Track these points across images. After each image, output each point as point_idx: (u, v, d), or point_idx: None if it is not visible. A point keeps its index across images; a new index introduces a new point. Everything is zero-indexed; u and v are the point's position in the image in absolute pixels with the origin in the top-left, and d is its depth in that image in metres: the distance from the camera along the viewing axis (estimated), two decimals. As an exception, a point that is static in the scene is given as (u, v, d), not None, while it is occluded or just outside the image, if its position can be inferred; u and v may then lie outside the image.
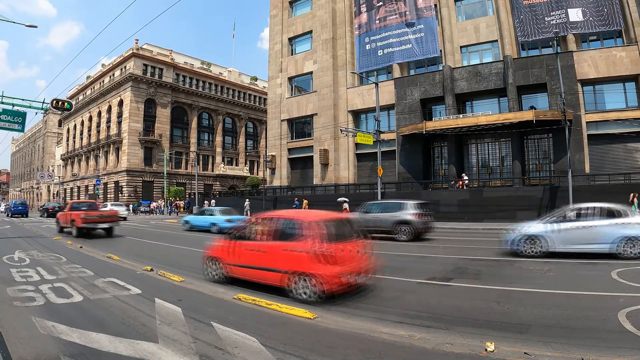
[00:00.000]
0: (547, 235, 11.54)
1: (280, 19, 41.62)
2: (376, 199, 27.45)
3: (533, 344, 4.92)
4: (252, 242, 8.32)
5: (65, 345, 4.88)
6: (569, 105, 24.55)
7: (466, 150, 31.36)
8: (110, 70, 63.84)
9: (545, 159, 28.62)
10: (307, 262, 7.23)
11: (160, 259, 12.77)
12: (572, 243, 11.26)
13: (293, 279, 7.39)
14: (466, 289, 8.20)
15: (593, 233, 11.08)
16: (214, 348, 4.83)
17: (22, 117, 19.10)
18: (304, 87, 40.43)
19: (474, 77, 29.83)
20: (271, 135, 41.73)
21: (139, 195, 57.32)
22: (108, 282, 8.73)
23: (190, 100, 64.95)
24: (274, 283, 7.72)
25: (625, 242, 10.77)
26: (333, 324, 5.86)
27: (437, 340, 5.12)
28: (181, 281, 8.93)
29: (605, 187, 23.38)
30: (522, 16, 28.54)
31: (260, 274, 8.01)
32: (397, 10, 33.88)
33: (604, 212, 11.34)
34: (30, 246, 15.46)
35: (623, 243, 10.77)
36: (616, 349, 4.70)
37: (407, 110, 32.23)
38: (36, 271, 9.88)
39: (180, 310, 6.42)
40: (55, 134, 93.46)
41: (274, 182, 40.75)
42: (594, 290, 7.67)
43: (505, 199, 25.08)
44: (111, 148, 62.10)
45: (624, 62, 25.56)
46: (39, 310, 6.48)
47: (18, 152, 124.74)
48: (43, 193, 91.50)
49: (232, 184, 67.81)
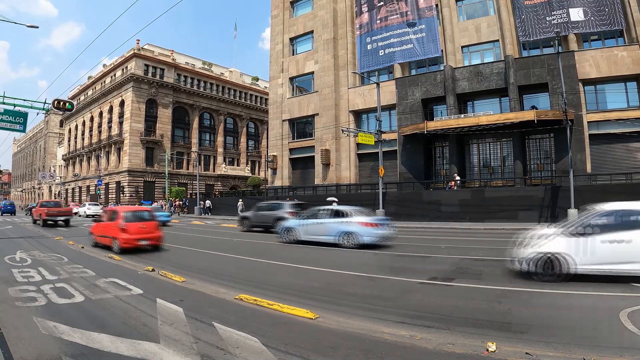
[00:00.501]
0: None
1: (281, 19, 41.63)
2: (377, 199, 27.50)
3: (534, 344, 4.91)
4: (103, 223, 15.56)
5: (67, 345, 4.89)
6: (570, 105, 24.50)
7: (467, 150, 31.34)
8: (112, 70, 63.92)
9: (547, 159, 28.58)
10: (117, 232, 13.96)
11: (161, 258, 12.77)
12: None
13: (112, 241, 14.15)
14: (467, 289, 8.19)
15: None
16: (216, 348, 4.83)
17: (23, 118, 19.12)
18: (305, 87, 40.42)
19: (475, 77, 29.81)
20: (272, 135, 41.73)
21: (140, 195, 57.35)
22: (109, 282, 8.74)
23: (192, 101, 64.99)
24: (107, 243, 14.48)
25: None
26: (334, 324, 5.86)
27: (438, 340, 5.12)
28: (182, 281, 8.94)
29: (607, 187, 23.34)
30: (524, 16, 28.49)
31: (104, 239, 14.85)
32: (398, 10, 33.86)
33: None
34: (31, 246, 15.50)
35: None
36: (618, 349, 4.69)
37: (408, 110, 32.21)
38: (38, 271, 9.90)
39: (181, 310, 6.43)
40: (57, 134, 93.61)
41: (276, 182, 40.75)
42: (595, 290, 7.65)
43: (506, 199, 25.05)
44: (112, 148, 62.18)
45: (625, 62, 25.50)
46: (41, 310, 6.50)
47: (19, 153, 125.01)
48: (45, 193, 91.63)
49: (233, 184, 67.84)
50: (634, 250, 7.79)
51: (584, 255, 8.21)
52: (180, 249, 15.42)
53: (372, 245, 14.53)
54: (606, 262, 8.04)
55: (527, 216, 23.85)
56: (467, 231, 21.64)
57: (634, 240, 7.83)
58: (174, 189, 56.13)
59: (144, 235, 14.13)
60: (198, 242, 17.93)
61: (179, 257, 13.44)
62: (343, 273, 10.07)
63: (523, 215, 24.01)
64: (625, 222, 8.20)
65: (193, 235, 21.61)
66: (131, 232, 13.85)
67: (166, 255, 13.77)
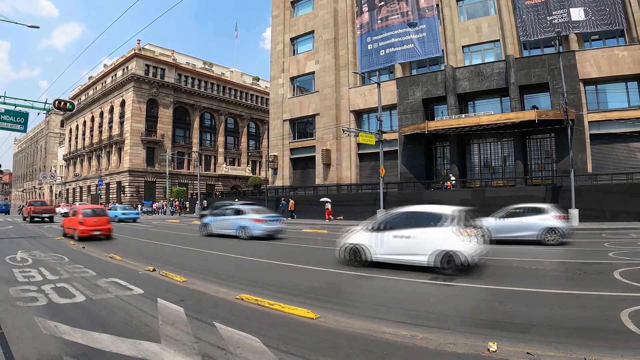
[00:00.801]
0: None
1: (282, 19, 41.65)
2: (378, 199, 27.53)
3: (535, 344, 4.91)
4: (69, 217, 19.83)
5: (68, 345, 4.89)
6: (571, 104, 24.48)
7: (468, 150, 31.33)
8: (113, 70, 63.96)
9: (548, 159, 28.57)
10: (76, 224, 18.10)
11: (162, 259, 12.78)
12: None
13: (73, 231, 18.24)
14: (468, 288, 8.19)
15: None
16: (217, 348, 4.83)
17: (24, 118, 19.14)
18: (306, 87, 40.43)
19: (476, 76, 29.80)
20: (273, 135, 41.75)
21: (141, 195, 57.41)
22: (110, 282, 8.74)
23: (193, 101, 65.01)
24: (71, 233, 18.75)
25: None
26: (335, 324, 5.86)
27: (439, 340, 5.11)
28: (183, 281, 8.94)
29: (608, 187, 23.35)
30: (524, 16, 28.49)
31: (69, 230, 19.12)
32: (399, 10, 33.86)
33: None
34: (32, 246, 15.51)
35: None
36: (619, 349, 4.68)
37: (409, 110, 32.21)
38: (39, 271, 9.91)
39: (182, 310, 6.42)
40: (58, 134, 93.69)
41: (276, 182, 40.77)
42: (596, 290, 7.65)
43: (507, 199, 24.91)
44: (113, 148, 62.24)
45: (626, 62, 25.49)
46: (42, 310, 6.50)
47: (20, 153, 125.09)
48: (45, 193, 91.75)
49: (234, 184, 67.88)
50: (414, 244, 9.91)
51: (380, 247, 10.46)
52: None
53: (262, 237, 18.24)
54: (395, 253, 10.24)
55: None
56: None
57: (415, 236, 9.97)
58: (174, 189, 56.17)
59: (97, 227, 18.37)
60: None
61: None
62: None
63: (524, 215, 23.97)
64: (409, 222, 10.46)
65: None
66: (87, 225, 18.08)
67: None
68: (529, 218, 15.68)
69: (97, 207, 21.65)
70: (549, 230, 14.97)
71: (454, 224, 9.69)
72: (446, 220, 9.85)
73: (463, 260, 9.25)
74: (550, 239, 14.83)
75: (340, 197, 33.18)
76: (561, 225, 15.11)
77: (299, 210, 33.82)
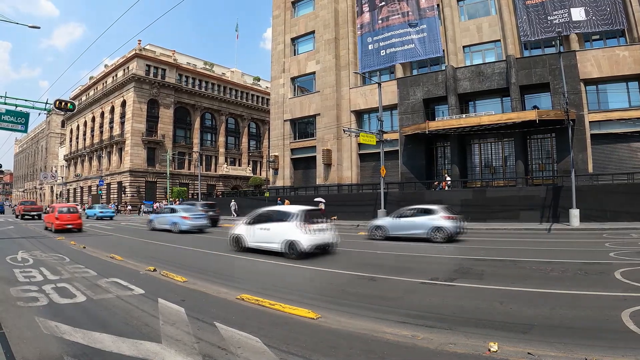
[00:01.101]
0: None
1: (282, 19, 41.65)
2: (379, 199, 27.53)
3: (536, 344, 4.91)
4: (49, 214, 24.84)
5: (69, 345, 4.90)
6: (572, 104, 24.46)
7: (469, 150, 31.32)
8: (113, 71, 64.02)
9: (548, 159, 28.55)
10: (53, 219, 22.80)
11: (162, 259, 12.79)
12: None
13: (50, 226, 23.39)
14: (468, 288, 8.19)
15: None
16: (217, 348, 4.83)
17: (25, 118, 19.14)
18: (306, 88, 40.43)
19: (476, 77, 29.78)
20: (274, 135, 41.75)
21: (142, 195, 57.45)
22: (111, 282, 8.75)
23: (193, 101, 65.05)
24: (49, 226, 23.63)
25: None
26: (336, 324, 5.86)
27: (440, 340, 5.11)
28: (184, 281, 8.95)
29: (609, 187, 23.33)
30: (525, 16, 28.47)
31: (48, 224, 23.92)
32: (400, 10, 33.85)
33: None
34: (33, 246, 15.53)
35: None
36: (619, 349, 4.68)
37: (409, 110, 32.20)
38: (39, 271, 9.91)
39: (183, 310, 6.43)
40: (59, 134, 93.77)
41: (277, 182, 40.77)
42: (597, 290, 7.64)
43: (508, 199, 25.03)
44: (114, 148, 62.30)
45: (627, 62, 25.46)
46: (42, 310, 6.51)
47: (21, 153, 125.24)
48: (46, 194, 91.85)
49: (235, 184, 67.93)
50: (271, 235, 13.10)
51: (252, 237, 13.74)
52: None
53: (191, 231, 22.74)
54: (260, 241, 13.47)
55: (528, 216, 23.84)
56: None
57: (271, 229, 13.16)
58: (175, 189, 56.20)
59: (70, 222, 23.09)
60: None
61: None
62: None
63: (525, 215, 23.99)
64: (270, 217, 13.68)
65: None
66: (61, 220, 22.86)
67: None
68: (420, 218, 17.45)
69: (71, 206, 26.76)
70: (436, 229, 16.67)
71: (297, 220, 12.59)
72: (292, 217, 12.75)
73: (301, 248, 12.25)
74: (438, 237, 16.54)
75: (341, 198, 33.17)
76: (448, 225, 16.67)
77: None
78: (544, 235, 19.23)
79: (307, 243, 12.33)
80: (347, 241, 16.52)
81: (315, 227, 12.92)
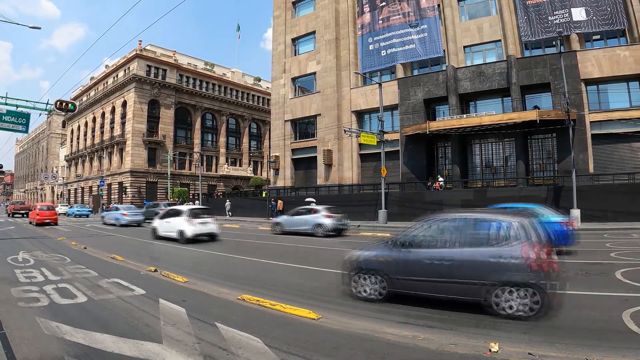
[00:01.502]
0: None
1: (283, 19, 41.66)
2: (380, 199, 27.52)
3: (537, 344, 4.91)
4: (33, 211, 31.19)
5: (70, 345, 4.91)
6: (573, 104, 24.44)
7: (470, 150, 31.29)
8: (114, 71, 64.04)
9: (549, 159, 28.52)
10: (35, 215, 29.34)
11: (163, 259, 12.80)
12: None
13: (33, 220, 29.64)
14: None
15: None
16: (218, 348, 4.84)
17: (26, 118, 19.15)
18: (307, 88, 40.44)
19: (477, 77, 29.76)
20: (275, 135, 41.76)
21: (143, 196, 57.43)
22: (112, 282, 8.76)
23: (194, 101, 65.06)
24: (32, 221, 30.01)
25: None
26: (337, 324, 5.86)
27: (441, 341, 5.11)
28: (185, 282, 8.96)
29: (609, 187, 23.31)
30: (526, 16, 28.44)
31: (32, 219, 30.23)
32: (400, 11, 33.83)
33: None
34: (34, 247, 15.55)
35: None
36: (620, 349, 4.68)
37: (410, 111, 32.19)
38: (40, 272, 9.92)
39: (184, 310, 6.44)
40: (59, 135, 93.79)
41: (278, 182, 40.76)
42: (598, 290, 7.64)
43: (509, 199, 24.80)
44: (115, 149, 62.31)
45: (627, 62, 25.42)
46: (43, 310, 6.52)
47: (22, 153, 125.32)
48: (47, 194, 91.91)
49: (235, 185, 67.91)
50: (171, 226, 18.16)
51: (162, 228, 18.84)
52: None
53: (130, 225, 28.58)
54: (167, 231, 18.36)
55: (529, 216, 23.76)
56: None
57: (171, 222, 18.21)
58: (176, 190, 56.22)
59: (48, 217, 29.14)
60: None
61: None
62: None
63: (525, 215, 23.92)
64: (172, 214, 18.86)
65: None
66: (41, 216, 28.86)
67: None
68: (307, 216, 21.17)
69: (49, 205, 36.67)
70: (318, 225, 20.36)
71: (186, 216, 17.84)
72: (183, 214, 18.03)
73: (187, 236, 17.28)
74: (319, 232, 20.19)
75: (342, 198, 33.16)
76: (327, 222, 20.30)
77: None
78: (545, 235, 19.17)
79: (190, 232, 17.35)
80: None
81: (199, 220, 17.88)
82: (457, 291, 6.39)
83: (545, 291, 5.83)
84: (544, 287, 5.83)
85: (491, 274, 6.03)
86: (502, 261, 6.03)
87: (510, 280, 5.95)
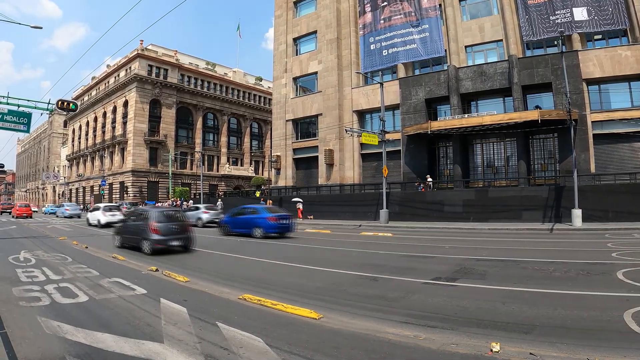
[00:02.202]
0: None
1: (284, 19, 41.68)
2: (381, 199, 27.52)
3: (538, 344, 4.89)
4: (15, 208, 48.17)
5: (71, 345, 4.90)
6: (574, 104, 24.43)
7: (471, 150, 31.29)
8: (115, 71, 64.14)
9: (551, 159, 28.50)
10: (15, 211, 45.00)
11: (163, 259, 12.80)
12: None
13: (15, 214, 43.61)
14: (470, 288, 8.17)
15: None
16: (219, 348, 4.83)
17: (27, 118, 19.18)
18: (308, 87, 40.47)
19: (478, 76, 29.75)
20: (276, 135, 41.79)
21: (144, 195, 57.49)
22: (113, 282, 8.76)
23: (195, 101, 65.12)
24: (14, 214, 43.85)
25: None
26: (338, 324, 5.85)
27: (442, 341, 5.10)
28: (186, 281, 8.95)
29: (611, 187, 23.28)
30: (527, 15, 28.42)
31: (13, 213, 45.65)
32: (402, 10, 33.83)
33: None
34: (35, 246, 15.56)
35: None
36: (622, 349, 4.66)
37: (412, 110, 32.19)
38: (42, 271, 9.93)
39: (185, 310, 6.43)
40: (61, 134, 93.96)
41: (279, 182, 40.79)
42: (599, 290, 7.62)
43: (510, 199, 25.00)
44: (116, 148, 62.40)
45: (629, 61, 25.40)
46: (45, 310, 6.51)
47: (23, 153, 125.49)
48: (48, 193, 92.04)
49: (237, 184, 67.98)
50: (95, 217, 28.42)
51: (92, 218, 28.85)
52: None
53: (72, 216, 42.60)
54: (94, 219, 28.21)
55: (531, 216, 23.81)
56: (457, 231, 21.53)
57: (96, 213, 28.64)
58: (177, 189, 56.28)
59: (24, 212, 43.06)
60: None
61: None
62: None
63: (527, 215, 23.97)
64: (105, 208, 29.00)
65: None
66: (20, 211, 43.16)
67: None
68: (194, 212, 28.61)
69: (25, 203, 48.96)
70: (199, 219, 27.50)
71: (102, 210, 28.09)
72: (100, 208, 28.45)
73: (100, 223, 26.98)
74: (199, 224, 26.81)
75: (343, 198, 33.19)
76: (204, 216, 27.88)
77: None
78: (546, 235, 19.18)
79: (103, 220, 27.02)
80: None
81: (110, 213, 27.62)
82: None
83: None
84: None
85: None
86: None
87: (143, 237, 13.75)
